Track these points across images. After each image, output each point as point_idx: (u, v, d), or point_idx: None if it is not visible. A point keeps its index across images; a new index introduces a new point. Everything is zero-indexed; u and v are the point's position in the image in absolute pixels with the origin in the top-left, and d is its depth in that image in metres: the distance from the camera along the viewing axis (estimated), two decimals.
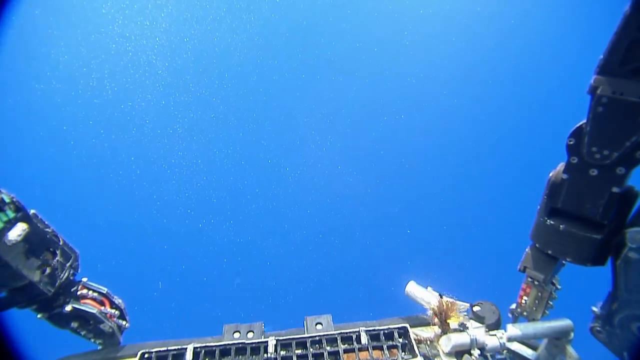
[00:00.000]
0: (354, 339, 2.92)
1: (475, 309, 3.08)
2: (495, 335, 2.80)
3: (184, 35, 13.20)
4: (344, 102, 13.61)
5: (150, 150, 12.88)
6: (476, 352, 2.72)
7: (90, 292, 3.10)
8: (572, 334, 2.73)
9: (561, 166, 2.32)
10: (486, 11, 12.91)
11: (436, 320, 2.91)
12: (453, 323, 2.87)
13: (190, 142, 13.08)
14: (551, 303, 2.77)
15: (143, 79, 12.80)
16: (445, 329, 2.87)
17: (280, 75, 13.93)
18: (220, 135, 13.50)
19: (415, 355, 2.72)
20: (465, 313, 2.95)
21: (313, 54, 14.04)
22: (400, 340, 2.92)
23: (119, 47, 12.50)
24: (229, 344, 2.89)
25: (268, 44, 13.85)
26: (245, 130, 13.69)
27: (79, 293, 3.03)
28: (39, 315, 2.84)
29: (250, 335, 3.01)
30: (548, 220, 2.44)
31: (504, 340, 2.76)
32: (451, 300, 2.94)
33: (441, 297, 3.00)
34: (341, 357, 2.79)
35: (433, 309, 2.97)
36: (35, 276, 2.60)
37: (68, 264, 2.91)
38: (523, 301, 2.86)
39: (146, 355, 2.84)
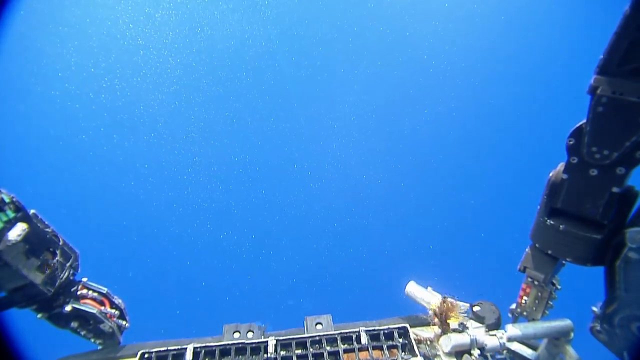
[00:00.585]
0: (353, 339, 2.92)
1: (475, 309, 3.08)
2: (495, 335, 2.80)
3: (195, 27, 12.76)
4: (358, 100, 13.33)
5: (161, 154, 12.78)
6: (476, 352, 2.72)
7: (90, 292, 3.10)
8: (572, 334, 2.73)
9: (561, 166, 2.32)
10: (486, 11, 12.90)
11: (436, 320, 2.91)
12: (453, 323, 2.87)
13: (203, 143, 12.91)
14: (551, 303, 2.77)
15: (154, 78, 12.60)
16: (445, 329, 2.87)
17: (298, 71, 13.50)
18: (234, 136, 13.28)
19: (415, 355, 2.72)
20: (465, 314, 2.95)
21: (331, 48, 13.61)
22: (400, 340, 2.92)
23: (129, 42, 12.26)
24: (229, 344, 2.89)
25: (284, 34, 13.31)
26: (254, 130, 13.50)
27: (79, 293, 3.03)
28: (39, 315, 2.84)
29: (250, 335, 3.01)
30: (548, 220, 2.44)
31: (504, 340, 2.75)
32: (452, 301, 2.94)
33: (445, 298, 2.99)
34: (341, 357, 2.79)
35: (434, 309, 2.96)
36: (35, 276, 2.60)
37: (68, 264, 2.91)
38: (523, 301, 2.86)
39: (146, 355, 2.84)
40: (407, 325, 2.96)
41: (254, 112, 13.46)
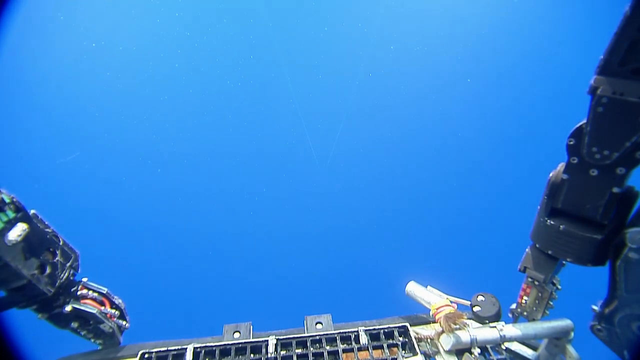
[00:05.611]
0: (352, 338, 2.93)
1: (476, 309, 3.08)
2: (495, 327, 2.81)
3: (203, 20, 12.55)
4: (360, 97, 13.16)
5: (160, 152, 12.70)
6: (476, 351, 2.72)
7: (90, 292, 3.10)
8: (572, 334, 2.73)
9: (561, 166, 2.32)
10: (486, 11, 12.90)
11: (441, 321, 2.89)
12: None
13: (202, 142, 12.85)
14: (551, 303, 2.78)
15: (153, 73, 12.45)
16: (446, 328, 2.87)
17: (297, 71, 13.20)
18: (225, 130, 13.20)
19: (415, 354, 2.73)
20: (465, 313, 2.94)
21: (329, 47, 13.35)
22: (401, 338, 2.93)
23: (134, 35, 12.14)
24: (229, 344, 2.89)
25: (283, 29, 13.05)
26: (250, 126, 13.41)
27: (79, 293, 3.03)
28: (39, 316, 2.84)
29: (250, 335, 3.02)
30: (548, 221, 2.44)
31: (504, 332, 2.76)
32: (459, 312, 2.92)
33: (451, 304, 2.97)
34: (340, 357, 2.80)
35: (435, 309, 2.93)
36: (36, 276, 2.60)
37: (68, 264, 2.91)
38: (523, 301, 2.87)
39: (146, 355, 2.84)
40: (407, 324, 2.97)
41: (252, 106, 13.36)
